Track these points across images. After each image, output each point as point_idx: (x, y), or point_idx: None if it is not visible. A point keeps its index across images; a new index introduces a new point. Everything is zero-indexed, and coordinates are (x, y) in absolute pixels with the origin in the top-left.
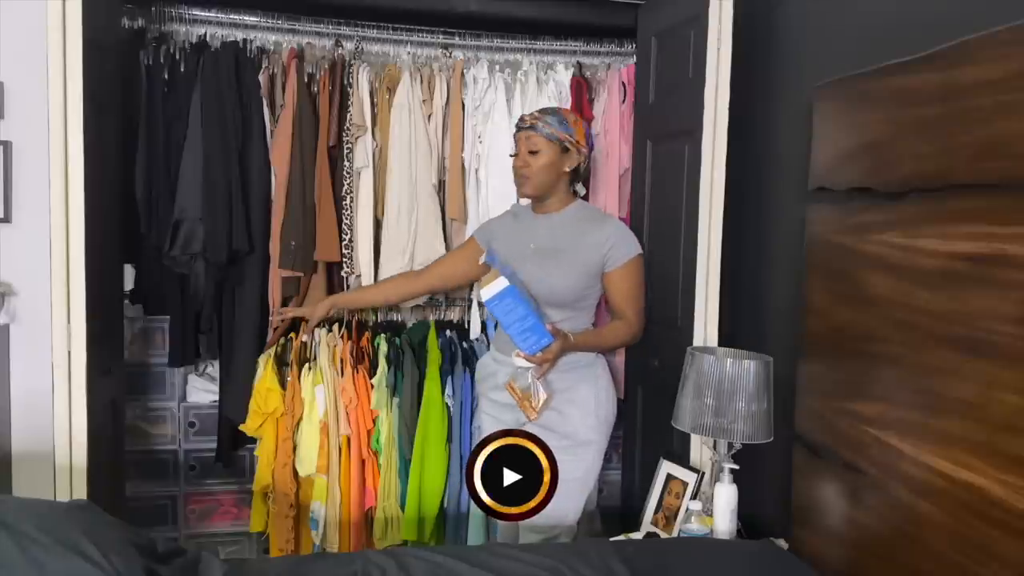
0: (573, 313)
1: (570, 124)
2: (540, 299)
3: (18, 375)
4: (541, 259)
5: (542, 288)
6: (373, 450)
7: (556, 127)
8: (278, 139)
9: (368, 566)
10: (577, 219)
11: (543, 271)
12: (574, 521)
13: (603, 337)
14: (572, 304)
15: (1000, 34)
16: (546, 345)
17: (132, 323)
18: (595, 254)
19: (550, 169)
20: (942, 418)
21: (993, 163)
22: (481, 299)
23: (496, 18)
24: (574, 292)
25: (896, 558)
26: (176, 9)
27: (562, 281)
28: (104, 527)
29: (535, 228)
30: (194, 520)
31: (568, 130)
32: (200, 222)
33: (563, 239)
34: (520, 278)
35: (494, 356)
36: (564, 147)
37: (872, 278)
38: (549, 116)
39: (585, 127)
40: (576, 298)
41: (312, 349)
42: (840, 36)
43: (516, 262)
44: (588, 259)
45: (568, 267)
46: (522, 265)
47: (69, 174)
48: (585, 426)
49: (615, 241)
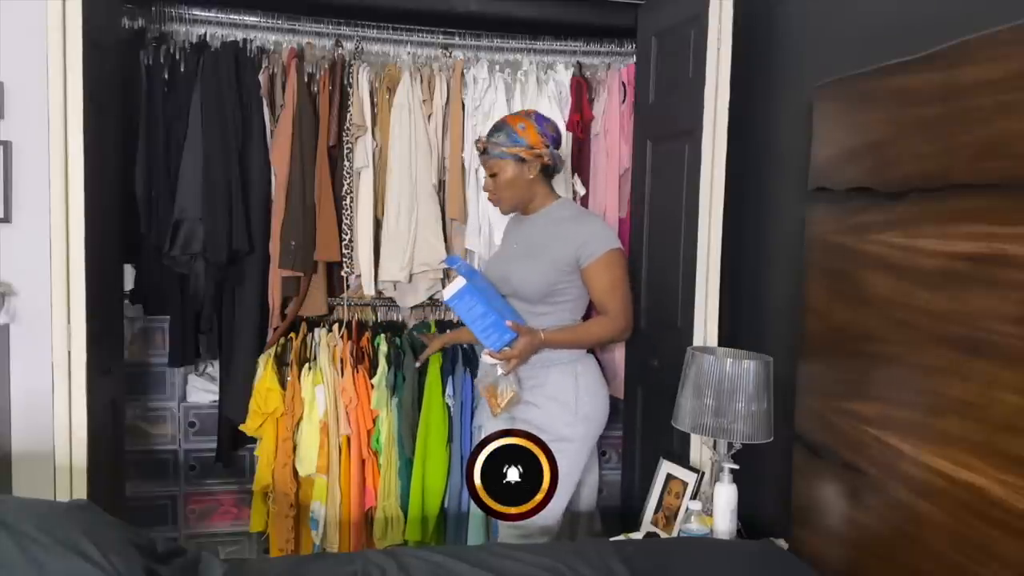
0: (551, 308)
1: (519, 134)
2: (514, 294)
3: (18, 375)
4: (521, 257)
5: (515, 284)
6: (373, 450)
7: (505, 144)
8: (278, 139)
9: (368, 566)
10: (557, 217)
11: (519, 268)
12: (553, 522)
13: (579, 333)
14: (545, 299)
15: (1000, 34)
16: (508, 341)
17: (132, 323)
18: (567, 248)
19: (514, 183)
20: (942, 418)
21: (993, 163)
22: (444, 299)
23: (496, 18)
24: (544, 286)
25: (896, 558)
26: (176, 9)
27: (531, 275)
28: (104, 527)
29: (521, 229)
30: (194, 520)
31: (518, 141)
32: (200, 222)
33: (540, 236)
34: (486, 279)
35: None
36: (519, 158)
37: (872, 278)
38: (498, 135)
39: (538, 127)
40: (547, 292)
41: (312, 349)
42: (840, 36)
43: (507, 263)
44: (560, 254)
45: (539, 262)
46: (505, 262)
47: (69, 174)
48: (563, 423)
49: (587, 237)
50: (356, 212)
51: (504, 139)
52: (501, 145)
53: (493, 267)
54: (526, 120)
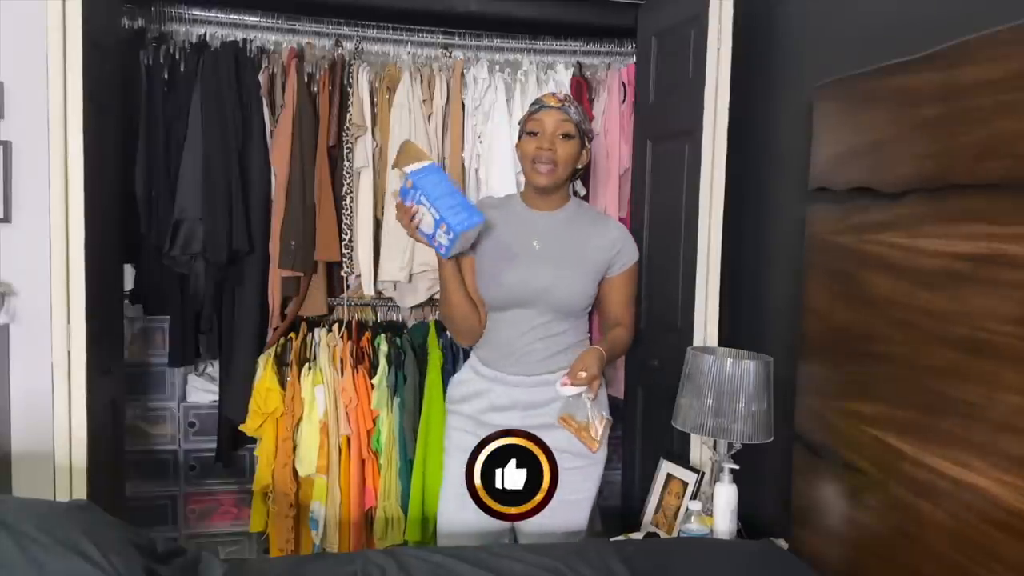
0: (577, 322)
1: (587, 117)
2: (551, 307)
3: (18, 375)
4: (550, 261)
5: (558, 294)
6: (373, 450)
7: (582, 116)
8: (278, 139)
9: (368, 566)
10: (579, 219)
11: (555, 275)
12: (581, 534)
13: (617, 344)
14: (580, 311)
15: (1000, 34)
16: (477, 224)
17: (132, 323)
18: (603, 257)
19: (572, 161)
20: (942, 418)
21: (993, 163)
22: (405, 171)
23: (496, 18)
24: (588, 299)
25: (896, 558)
26: (176, 9)
27: (578, 286)
28: (104, 527)
29: (535, 225)
30: (194, 520)
31: (588, 123)
32: (200, 222)
33: (569, 240)
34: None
35: (479, 371)
36: (583, 141)
37: (872, 278)
38: (575, 103)
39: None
40: (587, 304)
41: (312, 349)
42: (840, 36)
43: (518, 262)
44: (597, 262)
45: (580, 271)
46: (526, 266)
47: (69, 174)
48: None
49: (622, 245)
50: (356, 212)
51: (581, 112)
52: (581, 115)
53: (509, 268)
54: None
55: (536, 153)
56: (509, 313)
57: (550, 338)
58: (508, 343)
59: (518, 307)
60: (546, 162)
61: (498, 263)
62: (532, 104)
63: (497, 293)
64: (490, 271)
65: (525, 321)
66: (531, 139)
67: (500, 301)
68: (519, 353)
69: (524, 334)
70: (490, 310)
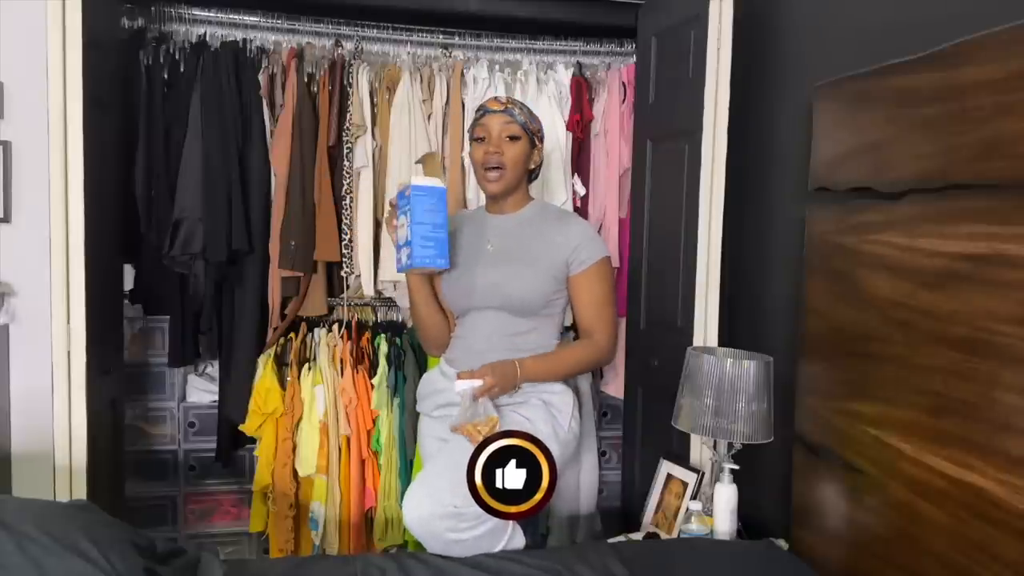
0: (538, 323)
1: (536, 117)
2: (505, 306)
3: (18, 375)
4: (502, 262)
5: (509, 291)
6: (373, 450)
7: (528, 117)
8: (278, 139)
9: (368, 568)
10: (538, 218)
11: (505, 275)
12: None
13: (561, 362)
14: (539, 311)
15: (1000, 34)
16: (436, 266)
17: (132, 323)
18: (559, 254)
19: (519, 163)
20: (942, 418)
21: (993, 163)
22: (413, 180)
23: (496, 18)
24: (543, 297)
25: (896, 558)
26: (176, 9)
27: (529, 284)
28: (104, 527)
29: (490, 228)
30: (194, 520)
31: (536, 123)
32: (200, 222)
33: (524, 240)
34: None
35: (444, 371)
36: (532, 141)
37: (872, 278)
38: (520, 105)
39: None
40: (543, 304)
41: (311, 349)
42: (840, 36)
43: (472, 265)
44: (553, 260)
45: (533, 269)
46: (479, 268)
47: (69, 174)
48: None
49: (580, 241)
50: (356, 212)
51: (527, 112)
52: (526, 115)
53: (465, 272)
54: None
55: (485, 158)
56: (469, 316)
57: (510, 338)
58: (471, 345)
59: (475, 309)
60: (495, 166)
61: (456, 269)
62: (476, 111)
63: (453, 296)
64: (447, 277)
65: (485, 323)
66: (479, 145)
67: (457, 304)
68: (482, 354)
69: (487, 336)
70: (456, 316)
